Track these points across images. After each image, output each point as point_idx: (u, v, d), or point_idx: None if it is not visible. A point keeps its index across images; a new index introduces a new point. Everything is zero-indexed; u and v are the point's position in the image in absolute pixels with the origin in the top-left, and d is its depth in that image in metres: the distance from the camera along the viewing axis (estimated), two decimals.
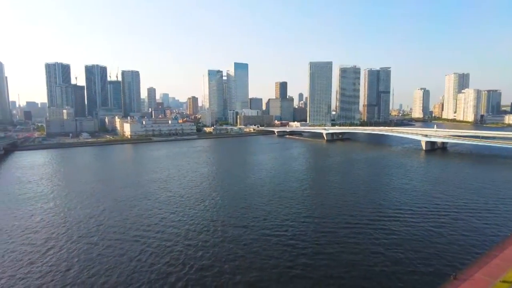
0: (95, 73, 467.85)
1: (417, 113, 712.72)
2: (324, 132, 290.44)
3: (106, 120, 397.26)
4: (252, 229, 73.16)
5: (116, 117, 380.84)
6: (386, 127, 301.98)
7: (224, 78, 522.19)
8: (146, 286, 50.46)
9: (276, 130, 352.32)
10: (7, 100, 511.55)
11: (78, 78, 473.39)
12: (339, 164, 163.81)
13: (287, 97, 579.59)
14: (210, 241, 66.90)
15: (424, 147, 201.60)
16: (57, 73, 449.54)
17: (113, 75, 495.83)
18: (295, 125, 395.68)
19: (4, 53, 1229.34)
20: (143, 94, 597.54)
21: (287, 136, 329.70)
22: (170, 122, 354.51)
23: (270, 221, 77.78)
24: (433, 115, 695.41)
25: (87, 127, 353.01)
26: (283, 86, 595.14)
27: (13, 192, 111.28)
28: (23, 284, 51.72)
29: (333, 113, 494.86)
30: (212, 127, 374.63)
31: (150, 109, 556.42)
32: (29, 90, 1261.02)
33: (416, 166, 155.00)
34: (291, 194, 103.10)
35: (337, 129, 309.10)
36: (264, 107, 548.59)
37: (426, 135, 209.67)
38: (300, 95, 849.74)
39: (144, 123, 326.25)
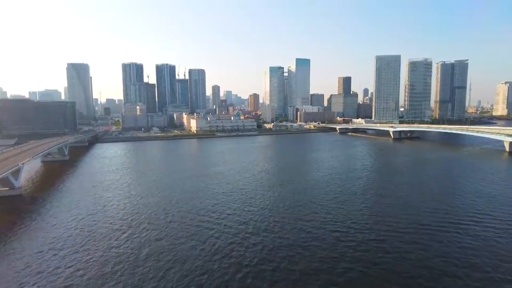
0: (164, 71, 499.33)
1: (500, 111, 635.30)
2: (391, 130, 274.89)
3: (175, 116, 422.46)
4: (314, 224, 73.16)
5: (184, 113, 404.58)
6: (461, 126, 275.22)
7: (285, 74, 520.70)
8: (211, 274, 53.27)
9: (338, 127, 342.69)
10: (91, 98, 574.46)
11: (150, 76, 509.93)
12: (407, 164, 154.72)
13: (351, 92, 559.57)
14: (274, 233, 68.12)
15: (507, 149, 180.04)
16: (132, 72, 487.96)
17: (181, 73, 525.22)
18: (358, 122, 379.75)
19: (89, 56, 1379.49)
20: (208, 92, 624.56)
21: (349, 133, 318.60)
22: (232, 118, 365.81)
23: (333, 218, 77.02)
24: None
25: (157, 122, 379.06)
26: (346, 81, 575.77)
27: (96, 180, 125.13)
28: (112, 261, 57.97)
29: (401, 109, 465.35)
30: (272, 124, 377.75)
31: (214, 106, 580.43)
32: (109, 88, 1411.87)
33: (497, 169, 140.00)
34: (353, 193, 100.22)
35: (405, 127, 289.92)
36: (325, 104, 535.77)
37: (510, 135, 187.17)
38: (365, 91, 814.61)
39: (208, 119, 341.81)
